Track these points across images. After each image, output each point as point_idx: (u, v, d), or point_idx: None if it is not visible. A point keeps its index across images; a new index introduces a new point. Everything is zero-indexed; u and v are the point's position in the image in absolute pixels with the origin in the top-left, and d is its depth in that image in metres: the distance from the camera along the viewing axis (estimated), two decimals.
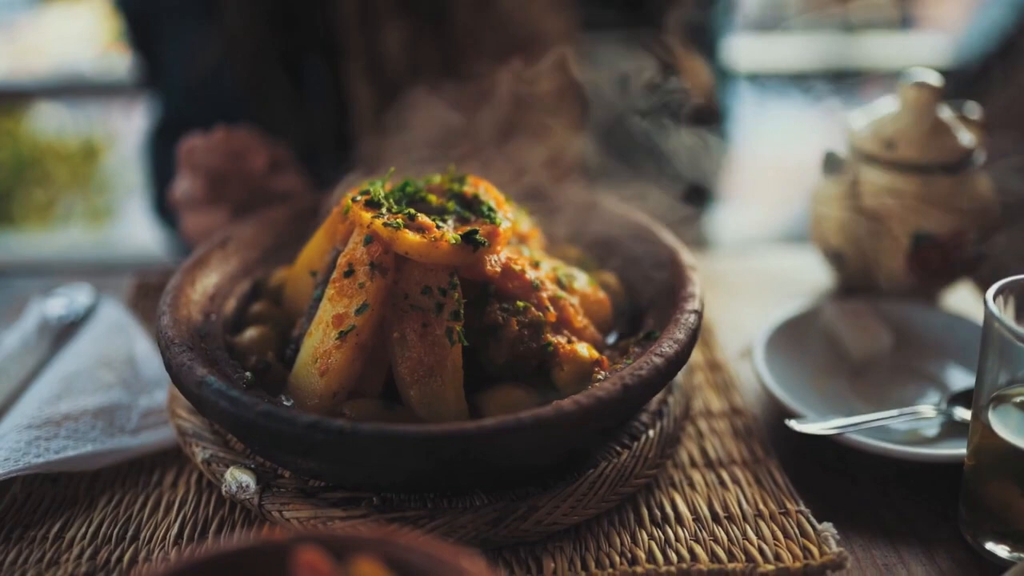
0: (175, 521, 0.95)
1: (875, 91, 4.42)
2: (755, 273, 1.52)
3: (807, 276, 1.48)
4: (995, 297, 0.88)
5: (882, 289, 1.32)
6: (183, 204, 1.36)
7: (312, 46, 1.64)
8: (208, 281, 1.08)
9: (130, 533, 0.93)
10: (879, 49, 4.28)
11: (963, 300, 1.40)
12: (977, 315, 1.28)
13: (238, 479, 0.93)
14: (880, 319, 1.24)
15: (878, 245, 1.27)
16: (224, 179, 1.32)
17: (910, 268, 1.28)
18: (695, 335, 0.96)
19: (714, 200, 1.95)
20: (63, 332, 1.27)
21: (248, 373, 0.94)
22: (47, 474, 1.01)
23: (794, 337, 1.21)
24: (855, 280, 1.33)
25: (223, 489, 0.93)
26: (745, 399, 1.14)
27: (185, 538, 0.93)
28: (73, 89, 4.07)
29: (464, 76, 1.66)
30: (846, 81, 4.41)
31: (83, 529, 0.94)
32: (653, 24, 1.77)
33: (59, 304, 1.31)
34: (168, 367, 0.92)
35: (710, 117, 1.82)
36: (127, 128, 4.43)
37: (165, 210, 1.81)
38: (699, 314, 0.99)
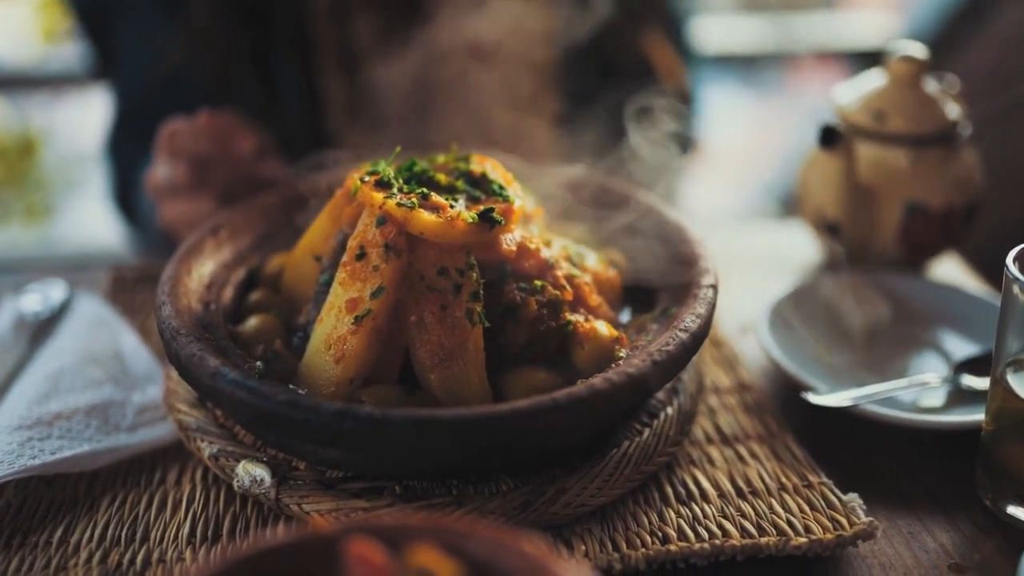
0: (185, 519, 0.91)
1: (812, 71, 4.50)
2: (741, 249, 1.52)
3: (794, 250, 1.48)
4: (1015, 261, 0.88)
5: (873, 261, 1.32)
6: (163, 191, 1.30)
7: (283, 41, 1.59)
8: (203, 270, 1.04)
9: (139, 534, 0.89)
10: (816, 30, 4.34)
11: (950, 271, 1.41)
12: (967, 285, 1.31)
13: (252, 473, 0.89)
14: (878, 291, 1.24)
15: (872, 217, 1.28)
16: (208, 164, 1.27)
17: (901, 240, 1.29)
18: (714, 309, 0.95)
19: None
20: (39, 329, 1.21)
21: (259, 363, 0.91)
22: (42, 476, 0.96)
23: (794, 311, 1.21)
24: (848, 253, 1.34)
25: (235, 484, 0.90)
26: (751, 374, 1.14)
27: (199, 537, 0.89)
28: (6, 82, 3.93)
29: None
30: (783, 62, 4.48)
31: (88, 532, 0.89)
32: (628, 15, 1.76)
33: (34, 300, 1.25)
34: (175, 359, 0.88)
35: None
36: (65, 122, 4.29)
37: (128, 204, 1.75)
38: (716, 289, 0.98)
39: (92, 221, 3.67)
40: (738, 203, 3.26)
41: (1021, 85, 2.00)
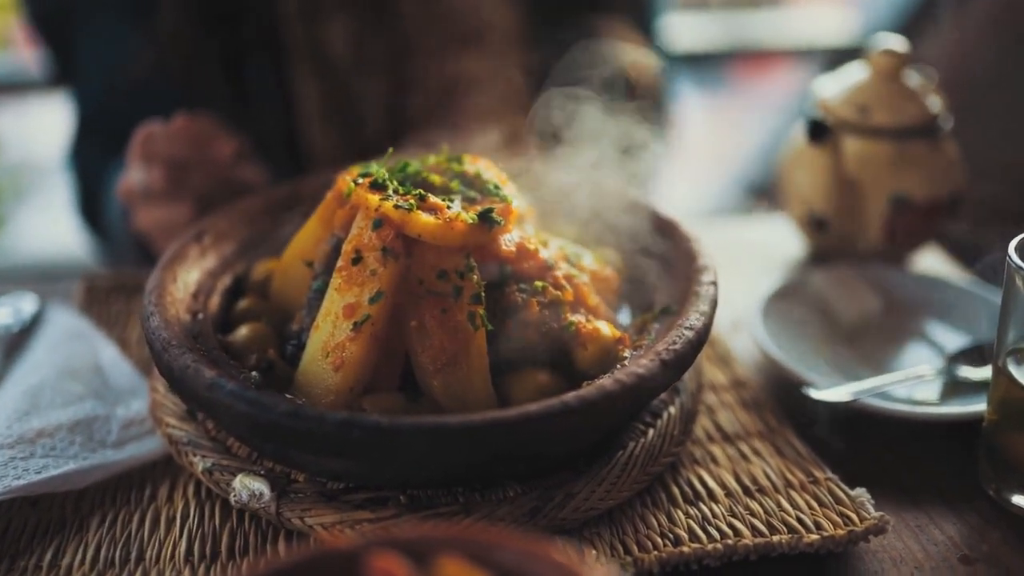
0: (181, 537, 0.87)
1: (762, 69, 4.54)
2: (723, 244, 1.50)
3: (777, 245, 1.48)
4: (1016, 251, 0.88)
5: (858, 254, 1.33)
6: (137, 197, 1.26)
7: (253, 44, 1.55)
8: (189, 278, 1.01)
9: (134, 554, 0.85)
10: (766, 27, 4.38)
11: (933, 263, 1.42)
12: (950, 276, 1.31)
13: (250, 487, 0.86)
14: (866, 284, 1.24)
15: (857, 210, 1.28)
16: (185, 169, 1.23)
17: (886, 232, 1.29)
18: (716, 306, 0.94)
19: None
20: (11, 343, 1.16)
21: (254, 373, 0.88)
22: (26, 497, 0.92)
23: (784, 307, 1.20)
24: (834, 247, 1.34)
25: (232, 499, 0.86)
26: (745, 370, 1.13)
27: (196, 555, 0.85)
28: None
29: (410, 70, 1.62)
30: (732, 60, 4.51)
31: (80, 554, 0.85)
32: (599, 11, 1.75)
33: (3, 314, 1.20)
34: (168, 371, 0.84)
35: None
36: (10, 131, 4.19)
37: (93, 214, 1.69)
38: (716, 285, 0.97)
39: (45, 232, 3.58)
40: (705, 199, 3.27)
41: (986, 76, 2.03)
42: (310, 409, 0.77)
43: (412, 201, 0.88)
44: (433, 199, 0.89)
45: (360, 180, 0.91)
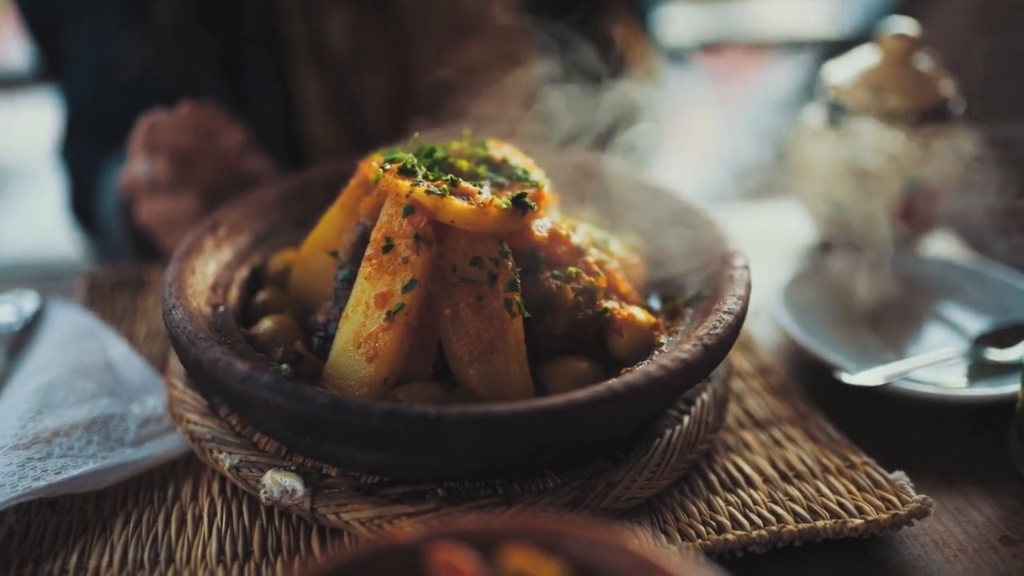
0: (210, 537, 0.85)
1: (737, 61, 4.55)
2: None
3: (787, 231, 1.47)
4: None
5: (874, 238, 1.32)
6: (141, 189, 1.22)
7: (252, 39, 1.52)
8: (207, 270, 0.98)
9: (163, 555, 0.83)
10: (750, 19, 4.38)
11: (944, 245, 1.42)
12: (966, 259, 1.31)
13: (281, 483, 0.83)
14: (884, 268, 1.24)
15: (873, 194, 1.28)
16: (191, 159, 1.19)
17: (900, 215, 1.29)
18: (750, 290, 0.93)
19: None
20: (14, 341, 1.13)
21: (284, 365, 0.85)
22: (43, 499, 0.88)
23: (804, 292, 1.19)
24: (848, 231, 1.33)
25: (263, 496, 0.84)
26: (769, 356, 1.12)
27: (228, 554, 0.83)
28: None
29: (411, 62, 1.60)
30: (711, 52, 4.51)
31: (106, 556, 0.82)
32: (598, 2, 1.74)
33: (7, 312, 1.16)
34: (196, 365, 0.81)
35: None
36: None
37: (85, 212, 1.65)
38: (748, 269, 0.95)
39: (27, 232, 3.50)
40: (701, 189, 3.27)
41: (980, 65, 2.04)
42: (351, 401, 0.75)
43: (444, 187, 0.85)
44: (464, 184, 0.87)
45: (388, 166, 0.89)
